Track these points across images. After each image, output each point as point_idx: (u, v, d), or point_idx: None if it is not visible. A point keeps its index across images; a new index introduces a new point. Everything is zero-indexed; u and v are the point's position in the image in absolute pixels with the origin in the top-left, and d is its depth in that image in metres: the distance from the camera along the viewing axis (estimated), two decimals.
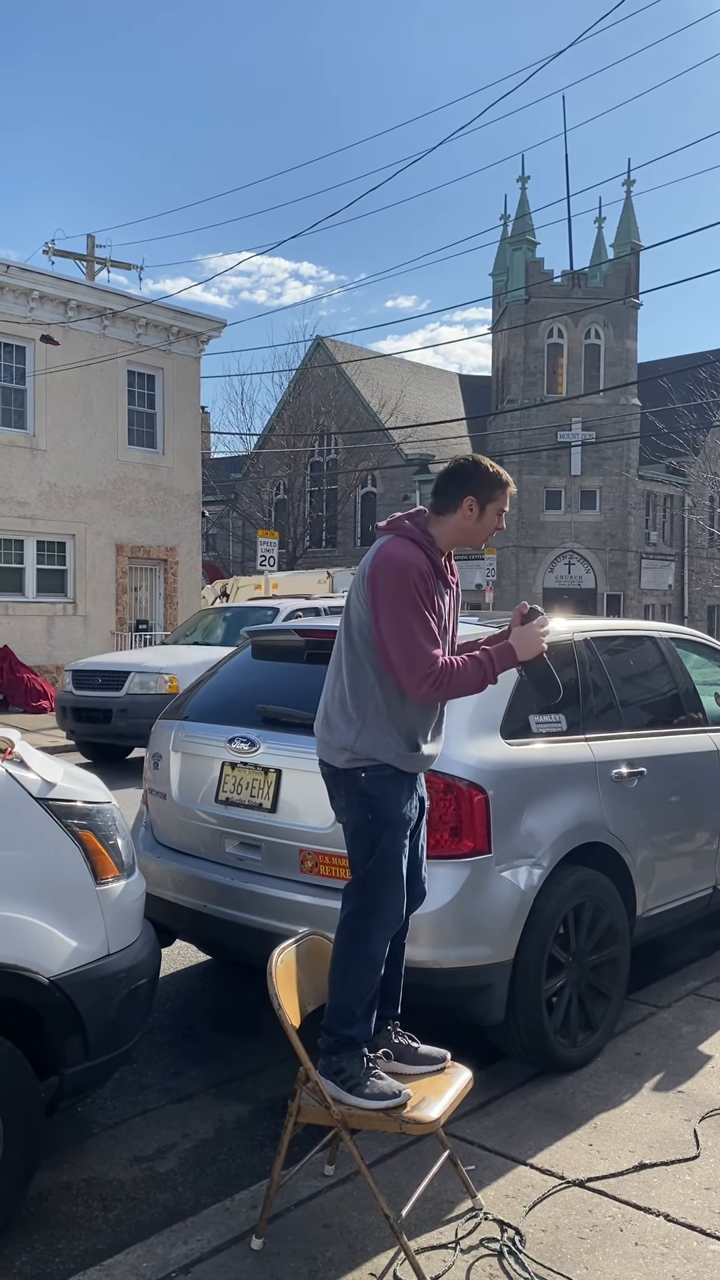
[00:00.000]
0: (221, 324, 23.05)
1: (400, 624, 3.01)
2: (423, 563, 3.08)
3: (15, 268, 19.29)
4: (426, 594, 3.06)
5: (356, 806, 3.12)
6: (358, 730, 3.10)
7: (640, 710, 4.94)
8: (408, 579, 3.03)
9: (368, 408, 40.54)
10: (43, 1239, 3.09)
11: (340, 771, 3.15)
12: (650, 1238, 2.98)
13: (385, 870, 3.09)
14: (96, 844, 3.23)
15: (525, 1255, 2.87)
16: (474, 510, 3.18)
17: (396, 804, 3.11)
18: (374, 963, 3.10)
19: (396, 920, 3.16)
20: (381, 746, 3.08)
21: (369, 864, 3.09)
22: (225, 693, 4.77)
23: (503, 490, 3.21)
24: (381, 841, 3.09)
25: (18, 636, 19.35)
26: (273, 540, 19.99)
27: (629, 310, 38.15)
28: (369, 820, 3.10)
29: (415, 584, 3.03)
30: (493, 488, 3.20)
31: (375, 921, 3.08)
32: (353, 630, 3.15)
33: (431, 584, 3.10)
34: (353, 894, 3.12)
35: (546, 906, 3.92)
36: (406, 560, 3.06)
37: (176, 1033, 4.64)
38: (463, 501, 3.17)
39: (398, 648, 3.02)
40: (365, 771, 3.09)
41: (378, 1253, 2.89)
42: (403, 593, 3.02)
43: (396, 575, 3.04)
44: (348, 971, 3.08)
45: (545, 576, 38.07)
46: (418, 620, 3.02)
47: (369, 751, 3.08)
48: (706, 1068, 4.09)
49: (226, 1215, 3.07)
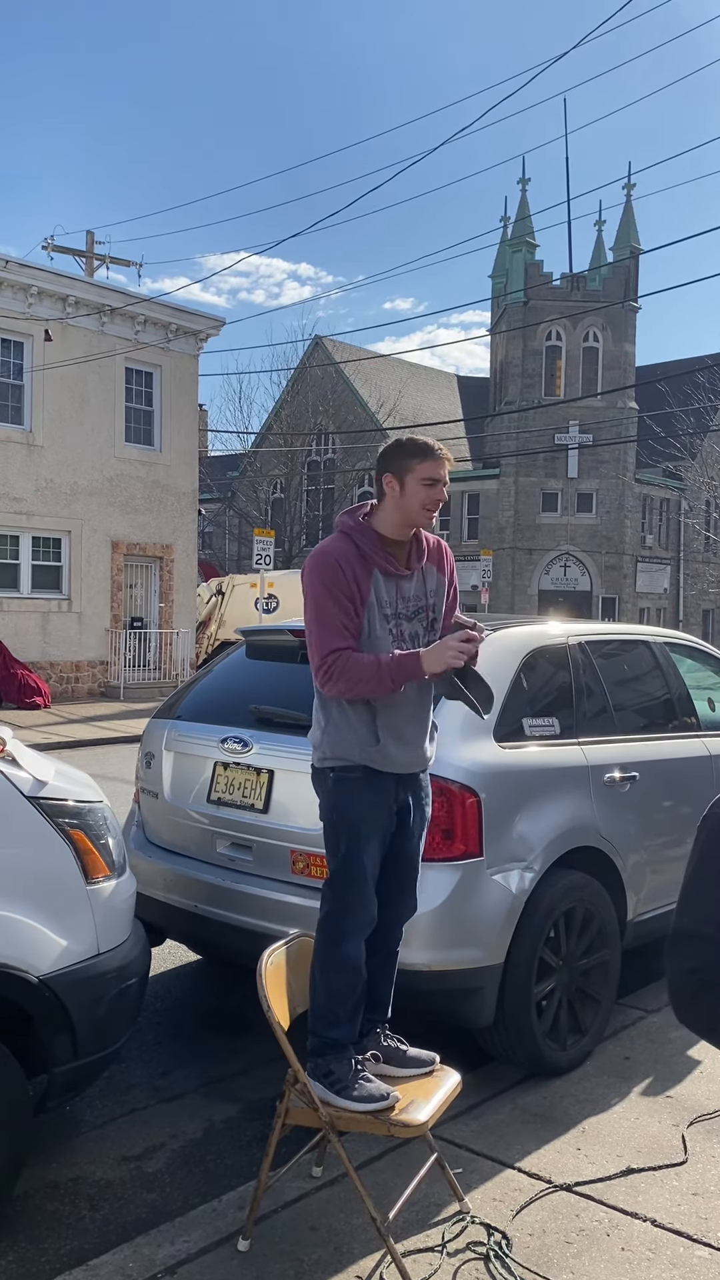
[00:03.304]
0: (220, 322, 23.03)
1: (311, 610, 3.07)
2: (344, 552, 3.07)
3: (14, 263, 19.23)
4: (345, 582, 3.04)
5: (325, 806, 3.16)
6: (323, 729, 3.14)
7: (633, 715, 4.94)
8: (321, 568, 3.06)
9: (366, 408, 40.52)
10: (29, 1238, 3.08)
11: (315, 770, 3.19)
12: (637, 1243, 2.98)
13: (348, 872, 3.10)
14: (87, 843, 3.23)
15: (512, 1259, 2.87)
16: (395, 486, 3.11)
17: (360, 806, 3.09)
18: (350, 964, 3.09)
19: (368, 922, 3.13)
20: (344, 744, 3.09)
21: (335, 863, 3.13)
22: (218, 692, 4.77)
23: (419, 460, 3.08)
24: (344, 842, 3.10)
25: (12, 632, 19.31)
26: (269, 539, 19.97)
27: (628, 314, 38.19)
28: (333, 821, 3.13)
29: (328, 573, 3.04)
30: (405, 458, 3.10)
31: (347, 923, 3.09)
32: None
33: (355, 572, 3.05)
34: (326, 895, 3.15)
35: (538, 910, 3.92)
36: (324, 549, 3.10)
37: (166, 1032, 4.64)
38: (383, 481, 3.15)
39: (308, 637, 3.08)
40: (334, 771, 3.12)
41: (364, 1255, 2.89)
42: (317, 582, 3.06)
43: (313, 566, 3.09)
44: (326, 972, 3.09)
45: (541, 579, 38.08)
46: (326, 609, 3.03)
47: (334, 750, 3.11)
48: (695, 1073, 4.09)
49: (214, 1216, 3.06)
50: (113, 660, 20.95)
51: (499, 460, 38.18)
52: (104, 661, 20.98)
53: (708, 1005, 1.69)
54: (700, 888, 1.74)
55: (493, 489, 38.23)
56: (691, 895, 1.75)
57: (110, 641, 20.99)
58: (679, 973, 1.72)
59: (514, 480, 37.94)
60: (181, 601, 22.56)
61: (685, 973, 1.71)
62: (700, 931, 1.71)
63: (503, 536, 37.80)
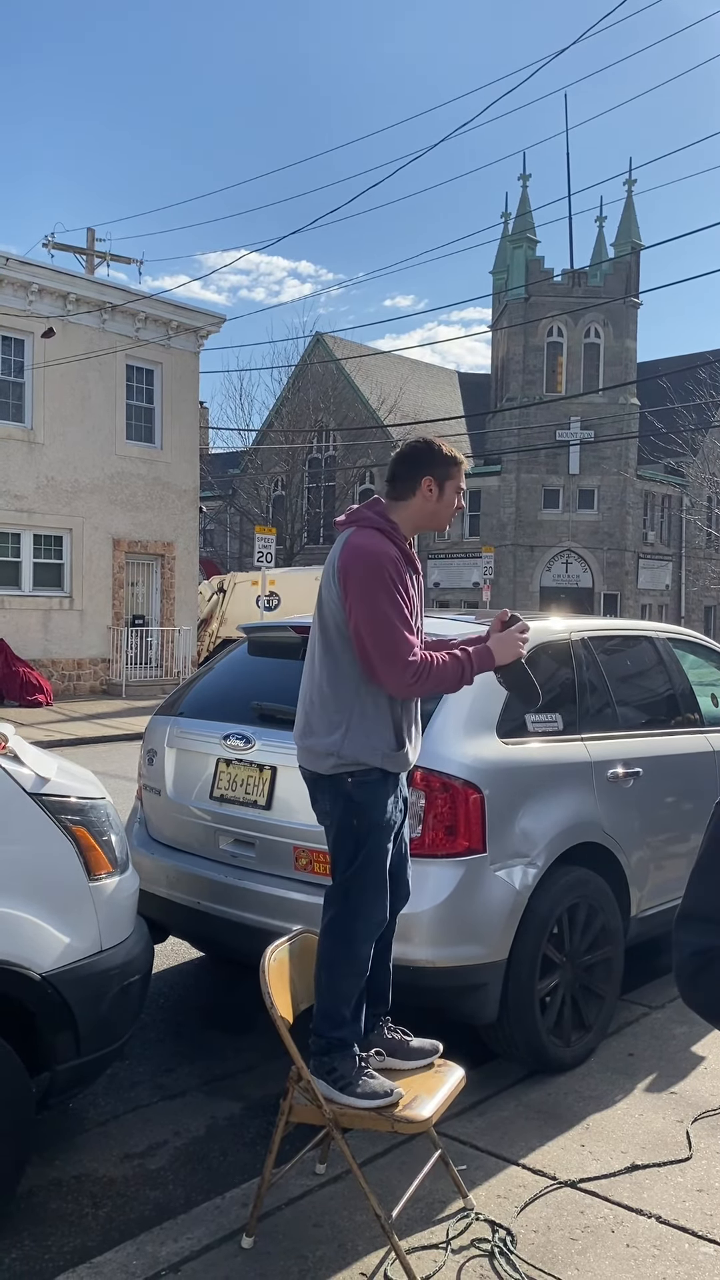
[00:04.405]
0: (221, 319, 23.01)
1: (377, 616, 2.95)
2: (393, 550, 3.04)
3: (14, 260, 19.21)
4: (401, 582, 3.02)
5: (342, 812, 3.07)
6: (343, 734, 3.03)
7: (637, 710, 4.93)
8: (381, 569, 2.98)
9: (366, 405, 40.49)
10: (32, 1236, 3.08)
11: (324, 777, 3.09)
12: (642, 1239, 2.97)
13: (369, 875, 3.05)
14: (90, 840, 3.22)
15: (516, 1256, 2.86)
16: (433, 491, 3.14)
17: (382, 809, 3.07)
18: (360, 966, 3.07)
19: (381, 923, 3.13)
20: (368, 749, 3.03)
21: (352, 869, 3.05)
22: (221, 689, 4.76)
23: (458, 468, 3.19)
24: (366, 846, 3.05)
25: (13, 630, 19.31)
26: (270, 536, 19.95)
27: (629, 310, 38.15)
28: (354, 826, 3.05)
29: (389, 573, 2.98)
30: (448, 466, 3.16)
31: (360, 925, 3.05)
32: (329, 631, 3.08)
33: (403, 570, 3.06)
34: (335, 898, 3.08)
35: (541, 906, 3.91)
36: (377, 549, 3.01)
37: (168, 1030, 4.63)
38: (421, 483, 3.13)
39: (376, 641, 2.96)
40: (352, 776, 3.04)
41: (368, 1252, 2.88)
42: (378, 583, 2.96)
43: (369, 566, 2.98)
44: (334, 975, 3.05)
45: (542, 575, 38.07)
46: (395, 611, 2.97)
47: (355, 755, 3.03)
48: (699, 1069, 4.08)
49: (217, 1213, 3.06)
50: (114, 658, 20.95)
51: (500, 457, 38.17)
52: (105, 659, 20.98)
53: (707, 985, 1.70)
54: (709, 871, 1.76)
55: (494, 486, 38.22)
56: (699, 878, 1.77)
57: (112, 639, 20.99)
58: (683, 954, 1.73)
59: (515, 477, 37.93)
60: (183, 599, 22.56)
61: (689, 954, 1.72)
62: (704, 913, 1.73)
63: (504, 533, 37.78)
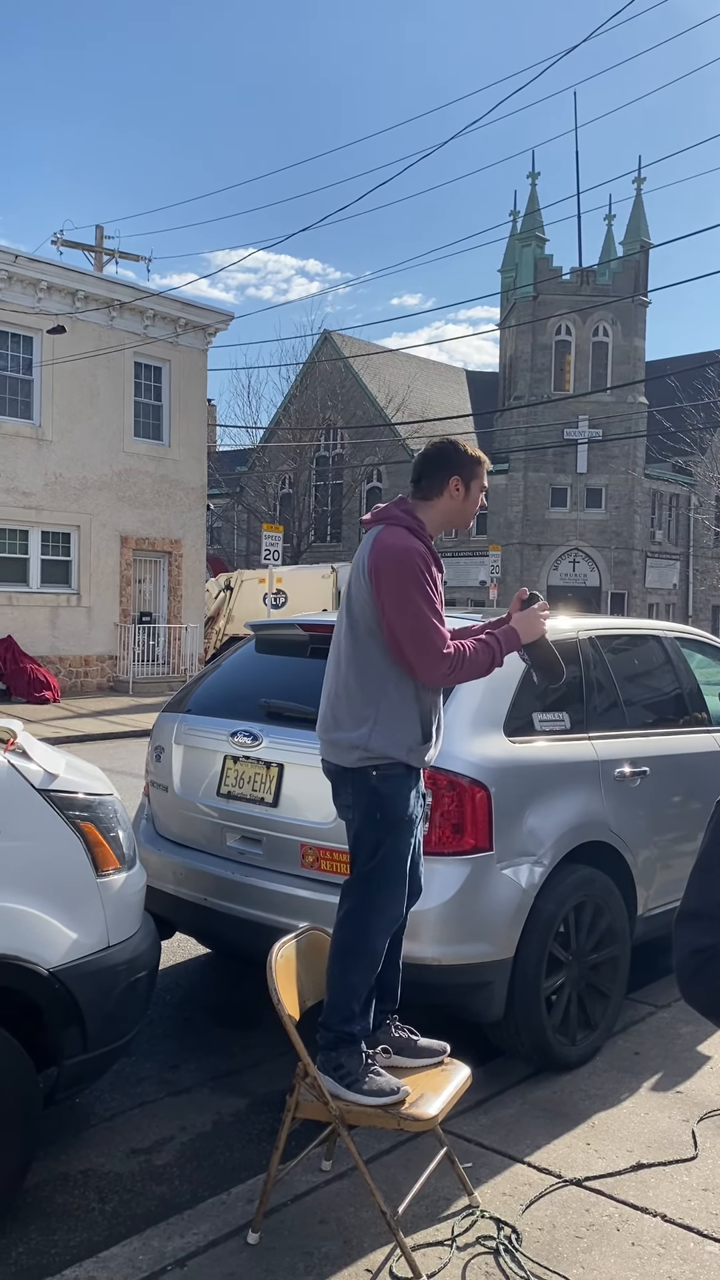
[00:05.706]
0: (229, 317, 23.01)
1: (412, 610, 3.03)
2: (421, 547, 3.11)
3: (24, 258, 19.22)
4: (431, 578, 3.10)
5: (365, 806, 3.10)
6: (371, 728, 3.08)
7: (644, 709, 4.93)
8: (412, 565, 3.05)
9: (374, 403, 40.46)
10: (39, 1230, 3.09)
11: (348, 770, 3.13)
12: (647, 1238, 2.97)
13: (389, 870, 3.09)
14: (98, 836, 3.23)
15: (521, 1253, 2.87)
16: (460, 490, 3.24)
17: (405, 803, 3.11)
18: (373, 960, 3.09)
19: (397, 918, 3.15)
20: (395, 743, 3.08)
21: (373, 862, 3.08)
22: (228, 686, 4.77)
23: (481, 467, 3.29)
24: (387, 841, 3.08)
25: (21, 627, 19.34)
26: (277, 534, 19.95)
27: (637, 308, 38.04)
28: (377, 820, 3.09)
29: (420, 568, 3.06)
30: (474, 466, 3.26)
31: (376, 919, 3.08)
32: (358, 627, 3.13)
33: (432, 566, 3.13)
34: (353, 890, 3.11)
35: (547, 905, 3.91)
36: (407, 547, 3.08)
37: (175, 1026, 4.64)
38: (449, 483, 3.22)
39: (412, 635, 3.03)
40: (377, 770, 3.08)
41: (374, 1249, 2.89)
42: (410, 579, 3.04)
43: (400, 563, 3.06)
44: (347, 968, 3.07)
45: (550, 574, 38.00)
46: (427, 605, 3.05)
47: (383, 749, 3.07)
48: (705, 1068, 4.08)
49: (223, 1209, 3.07)
50: (121, 655, 20.97)
51: (508, 455, 38.09)
52: (113, 656, 21.00)
53: (707, 983, 1.70)
54: (708, 870, 1.77)
55: (502, 484, 38.15)
56: (699, 877, 1.78)
57: (119, 636, 21.01)
58: (683, 952, 1.74)
59: (523, 475, 37.86)
60: (190, 596, 22.57)
61: (689, 953, 1.73)
62: (704, 911, 1.73)
63: (512, 532, 37.73)
